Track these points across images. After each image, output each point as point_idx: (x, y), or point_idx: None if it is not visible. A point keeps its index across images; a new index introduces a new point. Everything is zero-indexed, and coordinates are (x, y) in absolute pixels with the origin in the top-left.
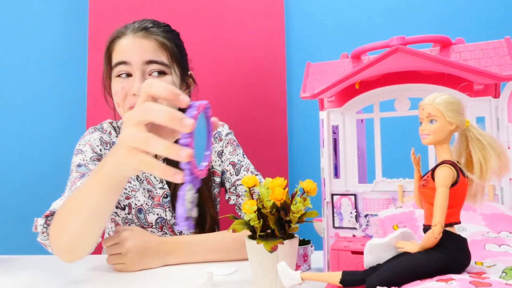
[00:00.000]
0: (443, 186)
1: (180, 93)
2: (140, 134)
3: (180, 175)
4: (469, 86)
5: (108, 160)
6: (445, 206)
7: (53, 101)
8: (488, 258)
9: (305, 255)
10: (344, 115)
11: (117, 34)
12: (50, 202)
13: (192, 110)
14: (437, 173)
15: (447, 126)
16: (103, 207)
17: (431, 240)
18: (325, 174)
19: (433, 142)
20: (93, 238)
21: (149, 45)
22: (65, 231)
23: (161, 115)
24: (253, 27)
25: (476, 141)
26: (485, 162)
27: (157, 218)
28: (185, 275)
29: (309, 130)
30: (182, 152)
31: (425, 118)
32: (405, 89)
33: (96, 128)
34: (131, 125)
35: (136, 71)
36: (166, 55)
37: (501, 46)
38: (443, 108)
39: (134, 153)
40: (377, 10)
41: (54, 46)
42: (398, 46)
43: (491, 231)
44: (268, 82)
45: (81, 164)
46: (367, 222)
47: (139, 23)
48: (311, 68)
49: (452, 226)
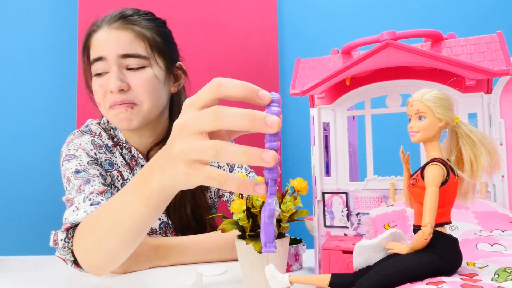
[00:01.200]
0: (433, 185)
1: (258, 88)
2: (206, 144)
3: (263, 187)
4: (460, 82)
5: (156, 178)
6: (435, 205)
7: (43, 98)
8: (481, 258)
9: (296, 254)
10: (335, 111)
11: (93, 28)
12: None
13: (272, 105)
14: (427, 171)
15: (436, 123)
16: (147, 224)
17: (421, 241)
18: (316, 172)
19: (422, 139)
20: (131, 252)
21: (125, 37)
22: (100, 251)
23: (240, 120)
24: (245, 23)
25: (466, 138)
26: (475, 159)
27: (161, 223)
28: (175, 275)
29: (301, 127)
30: (266, 155)
31: (413, 115)
32: (396, 85)
33: (84, 131)
34: (189, 134)
35: (112, 66)
36: (144, 46)
37: (493, 40)
38: (432, 104)
39: (198, 168)
40: (368, 5)
41: (44, 43)
42: (388, 41)
43: (484, 230)
44: (261, 77)
45: (80, 170)
46: (358, 220)
47: (116, 13)
48: (301, 64)
49: (443, 226)
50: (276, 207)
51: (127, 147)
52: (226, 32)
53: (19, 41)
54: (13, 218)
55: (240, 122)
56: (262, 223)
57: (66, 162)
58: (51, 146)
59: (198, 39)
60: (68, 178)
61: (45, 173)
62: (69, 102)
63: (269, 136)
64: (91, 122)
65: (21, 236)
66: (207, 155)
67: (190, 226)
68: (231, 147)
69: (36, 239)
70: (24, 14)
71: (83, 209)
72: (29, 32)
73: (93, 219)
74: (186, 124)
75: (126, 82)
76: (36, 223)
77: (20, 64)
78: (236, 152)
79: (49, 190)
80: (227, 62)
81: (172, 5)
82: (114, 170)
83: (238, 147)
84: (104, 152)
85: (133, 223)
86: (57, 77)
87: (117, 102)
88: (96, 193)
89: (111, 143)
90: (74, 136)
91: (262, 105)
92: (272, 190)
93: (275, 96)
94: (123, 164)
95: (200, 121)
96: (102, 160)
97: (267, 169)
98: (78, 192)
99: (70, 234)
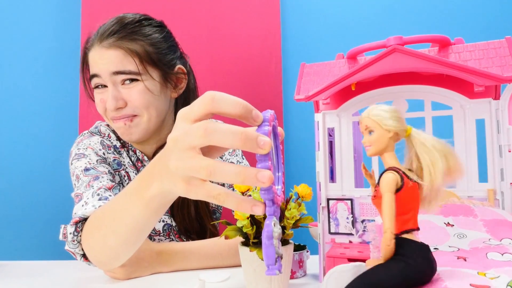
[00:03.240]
0: (387, 191)
1: (253, 108)
2: (200, 162)
3: (260, 207)
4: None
5: (155, 185)
6: (392, 211)
7: (46, 100)
8: (491, 268)
9: (300, 261)
10: (340, 117)
11: (86, 45)
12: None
13: (264, 125)
14: (381, 180)
15: (385, 135)
16: (149, 224)
17: (386, 249)
18: (321, 178)
19: (376, 152)
20: (135, 250)
21: (115, 56)
22: (105, 249)
23: (230, 138)
24: (248, 27)
25: (421, 146)
26: (432, 165)
27: (164, 225)
28: (177, 282)
29: (306, 132)
30: (260, 175)
31: (364, 130)
32: (402, 90)
33: (93, 132)
34: (182, 150)
35: (108, 82)
36: (134, 62)
37: (502, 46)
38: (378, 118)
39: (197, 185)
40: (374, 9)
41: (47, 45)
42: (395, 46)
43: (493, 238)
44: (264, 82)
45: (89, 168)
46: (363, 227)
47: (104, 29)
48: (306, 69)
49: (410, 233)
50: (275, 228)
51: (133, 149)
52: (229, 37)
53: (22, 44)
54: (14, 222)
55: (231, 140)
56: (262, 244)
57: (75, 161)
58: (53, 150)
59: (201, 43)
60: (77, 176)
61: (47, 177)
62: (71, 106)
63: (260, 156)
64: (100, 124)
65: (22, 241)
66: (201, 175)
67: (193, 227)
68: (226, 167)
69: (37, 244)
70: (26, 17)
71: (92, 204)
72: (32, 35)
73: (98, 217)
74: (178, 139)
75: (122, 99)
76: (38, 228)
77: (22, 67)
78: (230, 172)
79: (51, 195)
80: (230, 66)
81: (174, 9)
82: (122, 170)
83: (233, 167)
84: (113, 152)
85: (135, 224)
86: (59, 80)
87: (116, 117)
88: (104, 189)
89: (119, 144)
90: (83, 137)
91: (254, 125)
92: (270, 210)
93: (267, 115)
94: (130, 165)
95: (190, 137)
96: (111, 160)
97: (263, 190)
98: (87, 188)
99: (79, 228)
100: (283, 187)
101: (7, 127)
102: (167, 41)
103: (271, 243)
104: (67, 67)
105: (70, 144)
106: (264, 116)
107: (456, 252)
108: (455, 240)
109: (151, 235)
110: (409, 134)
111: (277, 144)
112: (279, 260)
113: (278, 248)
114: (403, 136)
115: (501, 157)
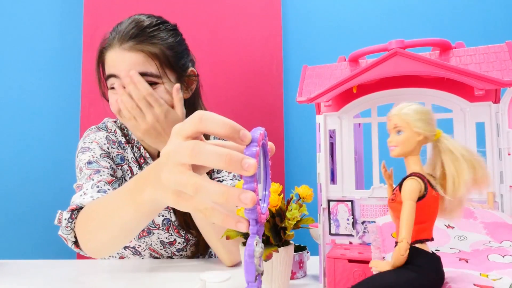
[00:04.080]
0: (409, 199)
1: (240, 128)
2: (188, 179)
3: (244, 224)
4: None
5: (148, 191)
6: (411, 220)
7: (47, 100)
8: (494, 270)
9: (300, 261)
10: (341, 119)
11: (104, 45)
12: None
13: (252, 146)
14: (404, 186)
15: (414, 137)
16: (137, 226)
17: (398, 258)
18: (322, 179)
19: (401, 153)
20: (123, 245)
21: (136, 58)
22: (94, 240)
23: (215, 159)
24: (250, 29)
25: (448, 153)
26: (457, 175)
27: (163, 219)
28: (178, 282)
29: (306, 134)
30: (243, 196)
31: (392, 129)
32: (403, 93)
33: (100, 128)
34: (173, 165)
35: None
36: (155, 65)
37: (502, 50)
38: (410, 118)
39: (186, 198)
40: (375, 12)
41: (49, 45)
42: (397, 49)
43: (493, 240)
44: (265, 84)
45: (92, 161)
46: (364, 229)
47: (122, 30)
48: (308, 71)
49: (423, 243)
50: (257, 247)
51: (137, 146)
52: (231, 40)
53: (23, 44)
54: (15, 221)
55: (215, 161)
56: (244, 262)
57: (80, 154)
58: (54, 150)
59: (202, 46)
60: (80, 168)
61: (48, 176)
62: (73, 106)
63: (246, 177)
64: (107, 120)
65: (22, 240)
66: (187, 191)
67: (193, 223)
68: (211, 186)
69: (37, 243)
70: (29, 17)
71: (90, 195)
72: (33, 35)
73: (92, 209)
74: (170, 154)
75: None
76: (38, 227)
77: (24, 67)
78: (215, 192)
79: (52, 194)
80: (232, 68)
81: (176, 12)
82: (125, 165)
83: (218, 187)
84: (117, 147)
85: (124, 225)
86: (60, 80)
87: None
88: (104, 182)
89: (124, 139)
90: (90, 132)
91: (242, 145)
92: (253, 229)
93: (256, 134)
94: (133, 160)
95: (179, 154)
96: (114, 155)
97: (247, 210)
98: (87, 180)
99: (74, 216)
100: (269, 204)
101: (8, 127)
102: (181, 45)
103: (252, 262)
104: (69, 67)
105: (71, 143)
106: (253, 136)
107: (457, 254)
108: (456, 242)
109: (150, 229)
110: (437, 139)
111: (266, 162)
112: (259, 277)
113: (259, 266)
114: (432, 140)
115: (500, 160)
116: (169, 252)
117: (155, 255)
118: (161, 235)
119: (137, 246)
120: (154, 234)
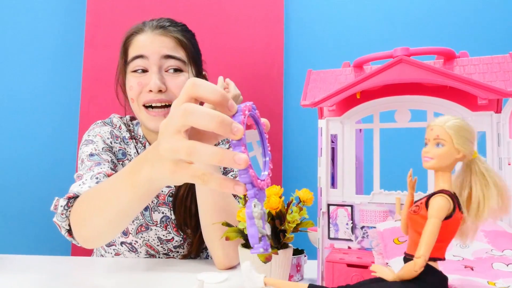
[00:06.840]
0: (436, 217)
1: (229, 98)
2: (182, 144)
3: (242, 187)
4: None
5: (145, 169)
6: (433, 239)
7: (47, 98)
8: (500, 278)
9: (298, 265)
10: (343, 124)
11: (135, 30)
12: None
13: (238, 115)
14: (432, 202)
15: (453, 153)
16: (133, 210)
17: (410, 272)
18: (322, 183)
19: (435, 167)
20: (117, 233)
21: (167, 41)
22: (89, 226)
23: (207, 119)
24: (251, 33)
25: (480, 176)
26: (484, 200)
27: (162, 216)
28: (176, 282)
29: (305, 138)
30: (237, 157)
31: (432, 139)
32: (406, 100)
33: (106, 122)
34: (169, 134)
35: (152, 66)
36: (183, 52)
37: (505, 61)
38: (453, 133)
39: (183, 167)
40: (374, 20)
41: (51, 44)
42: (402, 57)
43: (495, 249)
44: (265, 88)
45: (94, 154)
46: (363, 234)
47: (156, 21)
48: (312, 75)
49: (435, 262)
50: (255, 208)
51: (142, 142)
52: (231, 43)
53: (24, 43)
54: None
55: (207, 122)
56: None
57: (83, 146)
58: (54, 147)
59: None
60: (82, 160)
61: (46, 174)
62: (72, 105)
63: (234, 142)
64: (114, 116)
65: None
66: (182, 155)
67: (190, 223)
68: (204, 148)
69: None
70: (29, 15)
71: (88, 185)
72: (35, 34)
73: (89, 195)
74: (167, 123)
75: (164, 83)
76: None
77: (24, 66)
78: (209, 153)
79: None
80: (233, 72)
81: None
82: (126, 160)
83: (211, 148)
84: (120, 142)
85: (120, 207)
86: (60, 80)
87: (153, 100)
88: (103, 174)
89: (128, 135)
90: (96, 125)
91: (229, 115)
92: (250, 193)
93: (241, 105)
94: (136, 155)
95: (173, 119)
96: (116, 150)
97: (241, 175)
98: (88, 171)
99: (71, 204)
100: (270, 173)
101: (8, 126)
102: (199, 50)
103: (253, 223)
104: (69, 66)
105: (70, 142)
106: (238, 107)
107: (461, 261)
108: (458, 249)
109: (149, 225)
110: (472, 159)
111: (261, 131)
112: (264, 239)
113: (262, 228)
114: (468, 160)
115: (500, 169)
116: (165, 249)
117: (151, 252)
118: (159, 232)
119: (134, 242)
120: (152, 230)
